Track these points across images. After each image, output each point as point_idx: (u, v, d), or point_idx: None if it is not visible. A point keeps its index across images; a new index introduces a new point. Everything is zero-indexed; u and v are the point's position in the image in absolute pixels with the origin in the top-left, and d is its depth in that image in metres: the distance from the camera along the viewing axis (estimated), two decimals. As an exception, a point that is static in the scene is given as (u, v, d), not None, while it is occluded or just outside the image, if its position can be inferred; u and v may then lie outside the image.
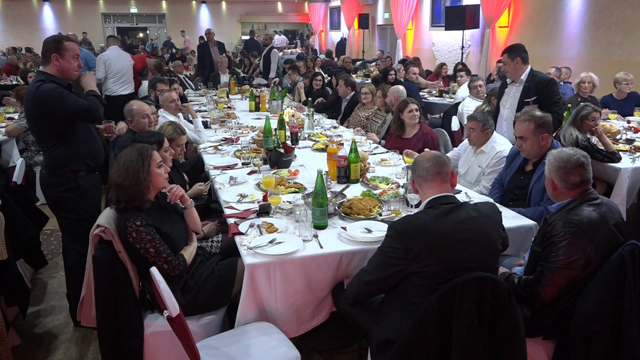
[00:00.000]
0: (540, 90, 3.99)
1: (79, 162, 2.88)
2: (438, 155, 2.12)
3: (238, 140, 4.46)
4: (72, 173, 2.88)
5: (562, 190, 2.16)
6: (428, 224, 1.90)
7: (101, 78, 6.69)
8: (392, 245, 1.93)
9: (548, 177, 2.21)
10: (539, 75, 4.09)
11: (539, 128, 2.89)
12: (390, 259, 1.93)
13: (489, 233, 1.97)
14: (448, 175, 2.06)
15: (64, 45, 2.78)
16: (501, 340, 1.80)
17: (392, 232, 1.95)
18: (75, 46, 2.84)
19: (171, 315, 1.79)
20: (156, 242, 2.24)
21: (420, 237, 1.88)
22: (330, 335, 2.88)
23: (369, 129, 5.22)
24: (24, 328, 3.10)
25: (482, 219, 1.97)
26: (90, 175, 2.97)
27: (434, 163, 2.06)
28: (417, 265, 1.87)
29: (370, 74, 10.25)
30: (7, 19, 18.98)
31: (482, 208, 2.03)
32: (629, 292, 1.93)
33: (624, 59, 7.67)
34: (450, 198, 2.02)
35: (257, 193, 3.06)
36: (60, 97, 2.72)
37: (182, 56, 14.08)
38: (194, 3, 21.52)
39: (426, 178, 2.06)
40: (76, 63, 2.83)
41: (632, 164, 3.82)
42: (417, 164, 2.12)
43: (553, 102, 3.96)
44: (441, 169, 2.05)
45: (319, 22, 20.87)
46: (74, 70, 2.84)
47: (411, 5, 13.41)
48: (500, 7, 10.03)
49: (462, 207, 1.98)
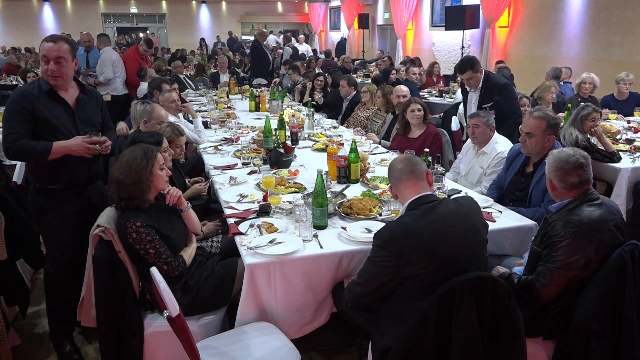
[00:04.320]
0: (497, 95, 4.23)
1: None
2: (410, 156, 2.19)
3: (238, 140, 4.46)
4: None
5: (561, 190, 2.16)
6: (413, 226, 1.91)
7: (110, 78, 6.83)
8: (381, 254, 1.93)
9: (548, 177, 2.22)
10: (493, 79, 4.33)
11: (549, 128, 2.87)
12: (381, 268, 1.94)
13: (474, 222, 2.00)
14: (423, 174, 2.09)
15: (40, 46, 2.53)
16: (501, 340, 1.80)
17: (379, 242, 1.95)
18: (45, 46, 2.50)
19: (171, 315, 1.79)
20: (156, 243, 2.24)
21: (408, 241, 1.88)
22: (330, 336, 2.87)
23: (369, 129, 5.22)
24: (24, 328, 3.10)
25: (464, 210, 2.00)
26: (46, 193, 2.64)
27: (406, 163, 2.10)
28: (410, 269, 1.88)
29: (370, 74, 10.24)
30: (7, 19, 18.99)
31: (461, 201, 2.08)
32: (629, 292, 1.93)
33: (624, 59, 7.67)
34: (430, 197, 2.04)
35: (257, 193, 3.06)
36: (6, 106, 2.50)
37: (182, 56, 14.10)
38: (194, 3, 21.51)
39: (401, 178, 2.08)
40: (48, 66, 2.48)
41: (632, 164, 3.82)
42: (391, 167, 2.16)
43: (510, 106, 4.20)
44: (414, 167, 2.08)
45: (319, 22, 20.87)
46: (43, 73, 2.52)
47: (411, 5, 13.41)
48: (500, 7, 10.03)
49: (442, 203, 2.01)
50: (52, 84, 2.54)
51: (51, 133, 2.51)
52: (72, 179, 2.65)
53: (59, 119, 2.55)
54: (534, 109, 3.07)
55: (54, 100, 2.56)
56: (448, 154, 4.37)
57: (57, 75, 2.51)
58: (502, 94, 4.21)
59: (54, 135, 2.52)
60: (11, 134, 2.45)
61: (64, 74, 2.54)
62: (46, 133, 2.51)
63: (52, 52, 2.48)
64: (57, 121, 2.54)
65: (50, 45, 2.49)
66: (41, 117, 2.49)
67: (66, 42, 2.55)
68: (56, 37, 2.56)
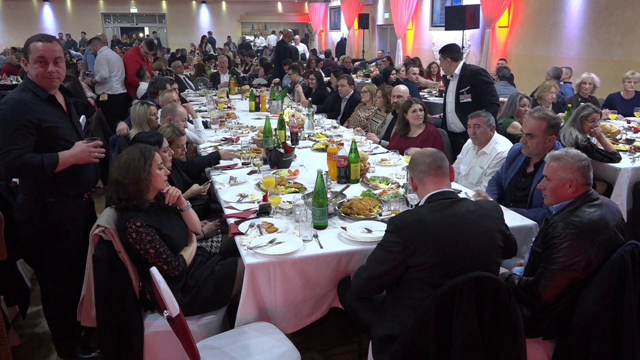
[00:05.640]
0: (472, 80, 4.54)
1: None
2: (436, 151, 2.17)
3: (238, 140, 4.46)
4: None
5: (580, 188, 2.11)
6: (427, 217, 1.93)
7: (106, 77, 6.95)
8: (391, 239, 1.94)
9: (568, 178, 2.12)
10: (470, 68, 4.67)
11: (550, 128, 2.87)
12: (388, 253, 1.94)
13: (488, 226, 1.99)
14: (447, 170, 2.11)
15: (29, 47, 2.32)
16: (501, 340, 1.80)
17: (391, 227, 1.96)
18: (41, 47, 2.32)
19: (171, 315, 1.79)
20: (156, 243, 2.24)
21: (419, 230, 1.90)
22: (330, 335, 2.87)
23: (369, 129, 5.22)
24: (24, 328, 3.10)
25: (481, 212, 2.00)
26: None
27: (434, 158, 2.10)
28: (416, 258, 1.89)
29: (370, 74, 10.24)
30: (7, 19, 18.98)
31: (483, 204, 2.07)
32: (629, 292, 1.93)
33: (624, 59, 7.66)
34: (450, 193, 2.05)
35: (257, 193, 3.06)
36: (2, 124, 2.27)
37: (182, 56, 14.09)
38: (194, 3, 21.51)
39: (428, 173, 2.08)
40: (42, 68, 2.32)
41: (632, 164, 3.82)
42: (416, 160, 2.14)
43: (486, 90, 4.49)
44: (442, 163, 2.10)
45: (319, 22, 20.87)
46: (41, 77, 2.34)
47: (411, 5, 13.41)
48: (500, 7, 10.03)
49: (462, 201, 2.02)
50: (47, 87, 2.38)
51: (55, 142, 2.38)
52: (84, 185, 2.57)
53: (61, 127, 2.43)
54: (534, 110, 3.06)
55: (53, 106, 2.44)
56: (447, 154, 4.36)
57: (57, 77, 2.39)
58: (476, 78, 4.54)
59: (58, 143, 2.38)
60: (12, 150, 2.24)
61: (62, 75, 2.44)
62: (50, 142, 2.37)
63: (51, 52, 2.34)
64: (60, 129, 2.42)
65: (47, 45, 2.34)
66: (46, 126, 2.35)
67: (58, 41, 2.43)
68: (49, 37, 2.40)
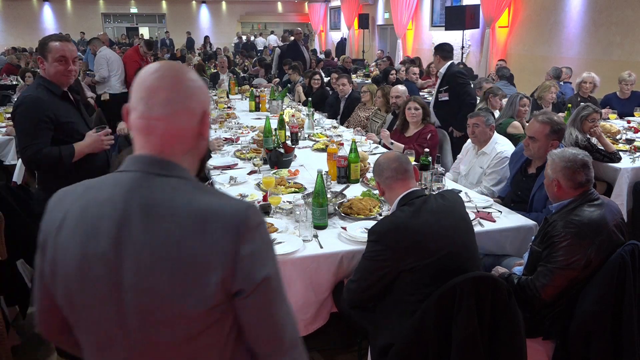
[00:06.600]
0: (451, 81, 4.88)
1: None
2: (400, 155, 2.23)
3: (238, 140, 4.46)
4: None
5: (567, 190, 2.13)
6: (406, 221, 1.95)
7: (105, 77, 6.97)
8: (376, 248, 1.95)
9: (553, 177, 2.17)
10: (452, 69, 4.99)
11: (553, 134, 2.83)
12: (377, 262, 1.95)
13: (461, 213, 2.07)
14: (412, 171, 2.16)
15: (48, 47, 2.50)
16: (501, 340, 1.80)
17: (374, 236, 1.97)
18: (61, 46, 2.51)
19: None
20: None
21: (402, 235, 1.91)
22: (331, 336, 2.87)
23: (369, 129, 5.22)
24: (24, 328, 3.10)
25: (450, 202, 2.06)
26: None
27: (400, 162, 2.14)
28: (406, 262, 1.90)
29: (370, 74, 10.25)
30: (7, 19, 18.98)
31: (446, 194, 2.14)
32: (629, 292, 1.93)
33: (624, 59, 7.66)
34: (418, 192, 2.09)
35: (257, 193, 3.06)
36: (20, 116, 2.51)
37: (181, 56, 14.09)
38: (194, 3, 21.51)
39: (396, 178, 2.11)
40: (63, 67, 2.51)
41: (632, 164, 3.82)
42: (382, 165, 2.17)
43: (463, 90, 4.84)
44: (407, 166, 2.14)
45: (319, 22, 20.86)
46: (60, 74, 2.53)
47: (411, 5, 13.41)
48: (500, 7, 10.03)
49: (430, 198, 2.06)
50: (62, 84, 2.57)
51: (71, 136, 2.57)
52: (98, 173, 2.67)
53: (75, 121, 2.62)
54: (539, 113, 3.02)
55: (67, 102, 2.62)
56: (447, 154, 4.36)
57: (74, 75, 2.59)
58: (454, 80, 4.89)
59: (74, 137, 2.58)
60: (31, 144, 2.47)
61: (77, 73, 2.65)
62: (67, 137, 2.56)
63: (70, 52, 2.55)
64: (75, 124, 2.61)
65: (66, 44, 2.54)
66: (63, 121, 2.54)
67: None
68: (65, 36, 2.63)
